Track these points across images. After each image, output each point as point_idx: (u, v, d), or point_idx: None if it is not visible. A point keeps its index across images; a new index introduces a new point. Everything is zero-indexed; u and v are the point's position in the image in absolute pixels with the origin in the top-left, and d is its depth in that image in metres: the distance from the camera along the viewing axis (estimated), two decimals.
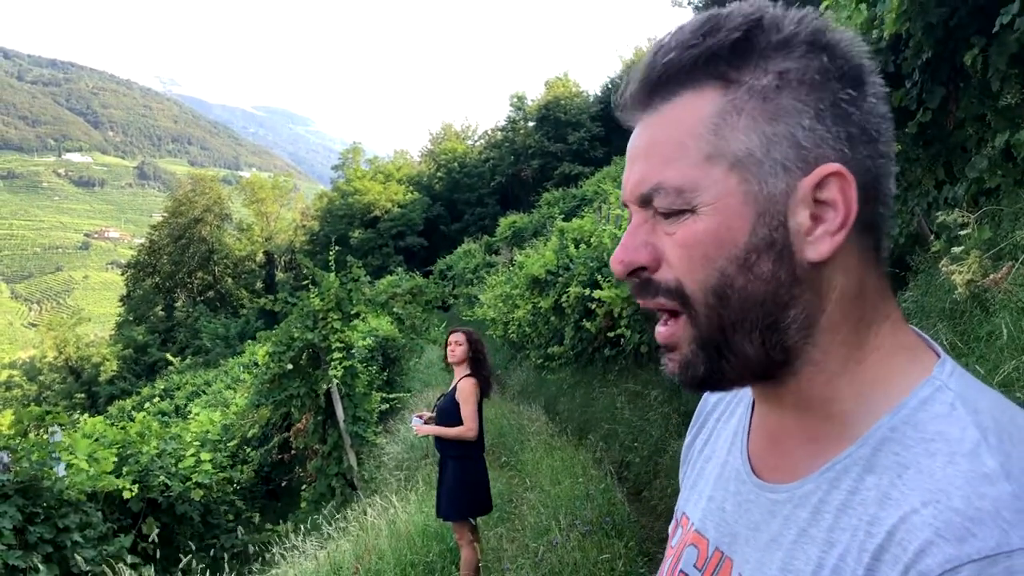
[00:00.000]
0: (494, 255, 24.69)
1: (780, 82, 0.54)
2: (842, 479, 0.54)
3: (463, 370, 4.13)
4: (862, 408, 0.55)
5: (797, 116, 0.53)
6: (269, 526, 7.50)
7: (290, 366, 7.48)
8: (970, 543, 0.44)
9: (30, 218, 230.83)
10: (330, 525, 5.98)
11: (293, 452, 8.52)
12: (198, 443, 8.62)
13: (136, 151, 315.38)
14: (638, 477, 5.60)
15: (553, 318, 9.24)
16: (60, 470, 5.74)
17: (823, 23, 0.55)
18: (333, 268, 7.95)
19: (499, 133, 49.06)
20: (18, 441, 5.76)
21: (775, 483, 0.61)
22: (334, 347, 7.44)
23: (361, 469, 7.64)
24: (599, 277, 7.42)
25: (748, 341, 0.55)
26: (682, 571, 0.68)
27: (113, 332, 51.71)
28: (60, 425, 7.15)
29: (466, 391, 4.01)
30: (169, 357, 36.89)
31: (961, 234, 3.20)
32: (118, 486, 6.37)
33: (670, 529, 0.77)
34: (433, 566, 4.45)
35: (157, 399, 23.21)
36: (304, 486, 7.96)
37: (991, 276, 2.89)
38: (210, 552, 7.02)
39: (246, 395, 11.65)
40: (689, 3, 26.41)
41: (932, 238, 3.72)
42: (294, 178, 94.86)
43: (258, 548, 6.92)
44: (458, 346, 4.14)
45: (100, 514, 5.89)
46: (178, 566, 6.00)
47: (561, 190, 29.95)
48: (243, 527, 7.71)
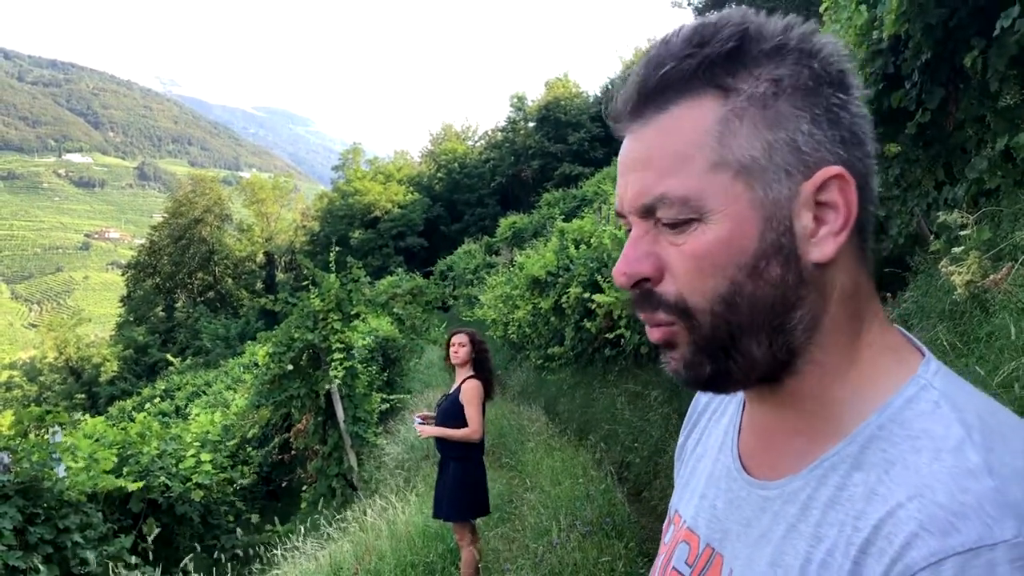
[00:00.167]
0: (494, 256, 24.64)
1: (777, 89, 0.55)
2: (830, 475, 0.55)
3: (466, 371, 4.11)
4: (852, 406, 0.57)
5: (796, 121, 0.55)
6: (269, 527, 7.50)
7: (290, 367, 7.48)
8: (954, 536, 0.45)
9: (30, 219, 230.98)
10: (330, 526, 5.99)
11: (293, 453, 8.53)
12: (198, 444, 8.62)
13: (136, 152, 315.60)
14: (638, 478, 5.60)
15: (553, 319, 9.24)
16: (60, 471, 5.73)
17: (808, 29, 0.56)
18: (333, 269, 7.96)
19: (499, 134, 48.99)
20: (18, 442, 5.75)
21: (765, 480, 0.62)
22: (334, 348, 7.44)
23: (361, 470, 7.64)
24: (599, 278, 7.41)
25: (756, 344, 0.56)
26: (674, 568, 0.69)
27: (113, 333, 51.73)
28: (61, 425, 7.16)
29: (471, 393, 4.00)
30: (169, 358, 36.92)
31: (961, 235, 3.21)
32: (120, 485, 6.37)
33: (663, 527, 0.78)
34: (433, 567, 4.45)
35: (157, 400, 23.23)
36: (304, 487, 7.97)
37: (991, 277, 2.90)
38: (212, 553, 7.02)
39: (246, 396, 11.65)
40: (689, 3, 26.39)
41: (932, 239, 3.72)
42: (294, 179, 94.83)
43: (258, 549, 6.92)
44: (461, 347, 4.12)
45: (100, 515, 5.89)
46: (178, 566, 6.00)
47: (561, 191, 29.92)
48: (243, 528, 7.72)
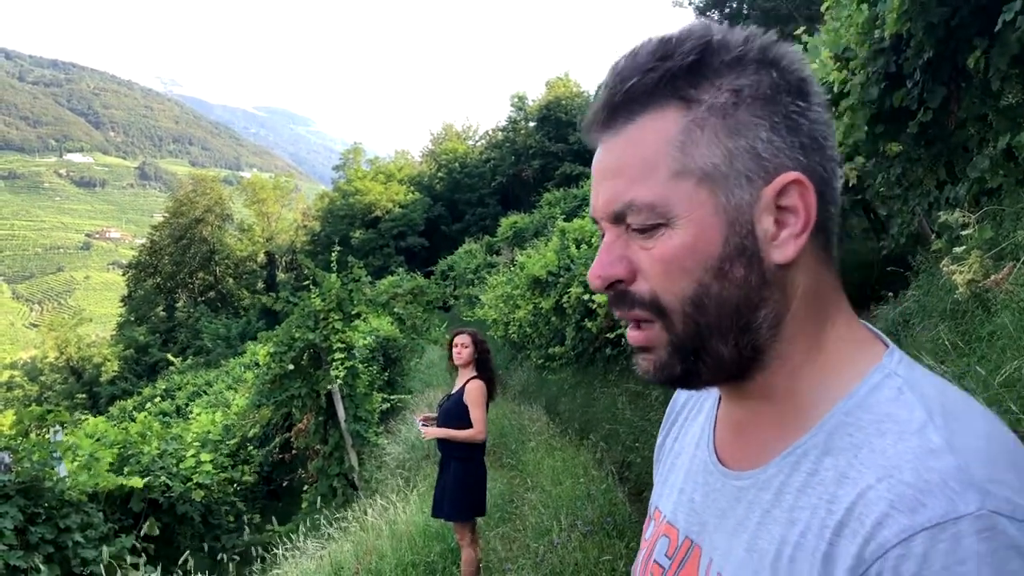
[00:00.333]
0: (495, 255, 24.64)
1: (736, 99, 0.57)
2: (802, 462, 0.58)
3: (469, 372, 4.10)
4: (820, 396, 0.59)
5: (755, 129, 0.57)
6: (270, 526, 7.50)
7: (291, 366, 7.48)
8: (921, 513, 0.48)
9: (31, 218, 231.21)
10: (331, 525, 5.98)
11: (294, 452, 8.53)
12: (199, 443, 8.63)
13: (137, 151, 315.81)
14: (639, 477, 5.59)
15: (554, 318, 9.24)
16: (61, 470, 5.74)
17: (768, 40, 0.59)
18: (334, 268, 7.96)
19: (500, 133, 48.96)
20: (19, 441, 5.76)
21: (740, 471, 0.64)
22: (335, 347, 7.44)
23: (362, 469, 7.64)
24: None
25: (723, 344, 0.59)
26: (655, 561, 0.72)
27: (114, 332, 51.73)
28: (61, 424, 7.17)
29: (475, 394, 3.99)
30: (170, 357, 36.93)
31: (963, 234, 3.20)
32: (121, 483, 6.37)
33: (644, 524, 0.80)
34: (434, 566, 4.45)
35: (158, 399, 23.23)
36: (305, 486, 7.97)
37: (992, 276, 2.90)
38: (215, 555, 7.02)
39: (247, 395, 11.66)
40: (691, 3, 26.36)
41: (933, 238, 3.72)
42: (295, 178, 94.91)
43: (259, 548, 6.93)
44: (464, 348, 4.11)
45: (101, 514, 5.89)
46: (178, 566, 6.00)
47: (562, 190, 29.87)
48: (244, 527, 7.72)
